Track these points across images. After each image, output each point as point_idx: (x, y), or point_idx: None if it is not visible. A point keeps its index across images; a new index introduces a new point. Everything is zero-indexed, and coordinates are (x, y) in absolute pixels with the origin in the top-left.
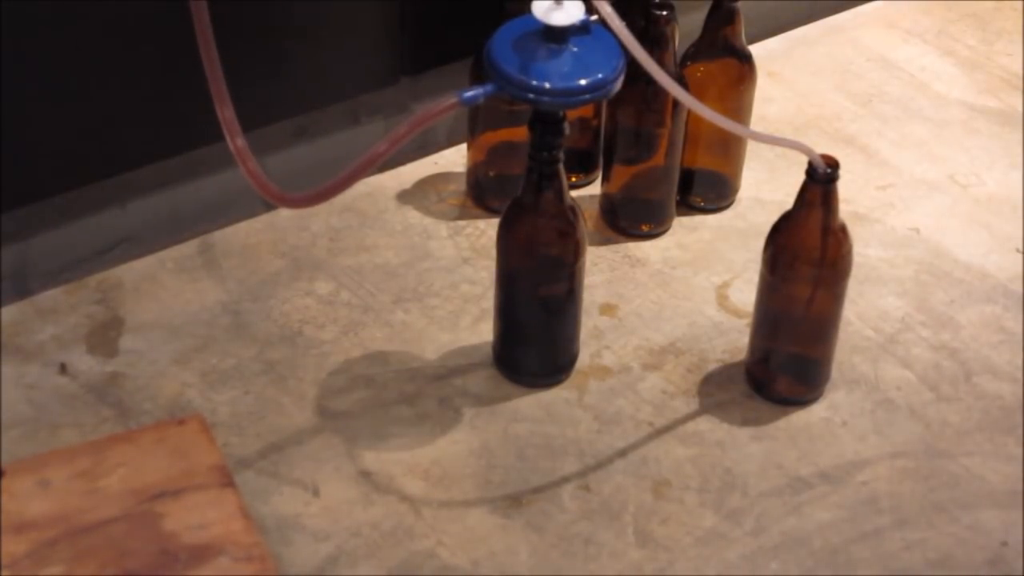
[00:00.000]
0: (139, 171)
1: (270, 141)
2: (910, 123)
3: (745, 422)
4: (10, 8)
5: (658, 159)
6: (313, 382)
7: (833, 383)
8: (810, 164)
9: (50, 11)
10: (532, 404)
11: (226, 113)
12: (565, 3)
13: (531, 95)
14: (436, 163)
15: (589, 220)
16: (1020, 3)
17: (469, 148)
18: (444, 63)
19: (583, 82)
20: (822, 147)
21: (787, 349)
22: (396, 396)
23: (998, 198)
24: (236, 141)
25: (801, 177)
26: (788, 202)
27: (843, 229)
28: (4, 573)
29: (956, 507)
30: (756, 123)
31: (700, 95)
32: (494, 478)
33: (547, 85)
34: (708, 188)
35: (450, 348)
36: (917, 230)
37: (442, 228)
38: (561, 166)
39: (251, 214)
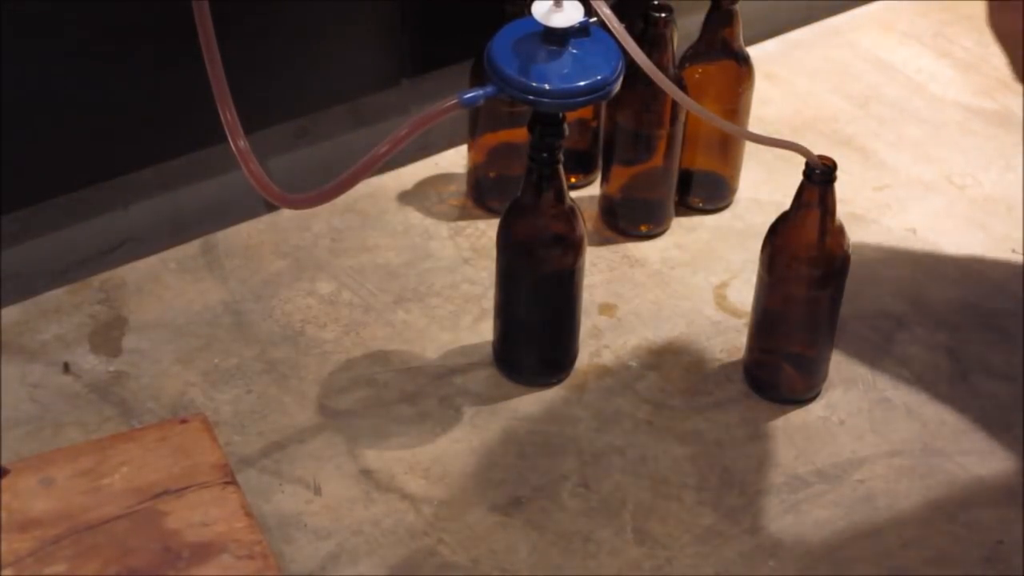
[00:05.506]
0: (142, 172)
1: (272, 142)
2: (907, 124)
3: (743, 421)
4: (10, 8)
5: (657, 160)
6: (315, 381)
7: (830, 382)
8: (807, 165)
9: (51, 11)
10: (532, 403)
11: (228, 114)
12: (565, 5)
13: (531, 96)
14: (437, 164)
15: (589, 220)
16: None
17: (469, 149)
18: (445, 65)
19: (582, 84)
20: (819, 148)
21: (785, 348)
22: (397, 395)
23: (994, 199)
24: (238, 142)
25: (799, 178)
26: (786, 203)
27: (840, 230)
28: (7, 572)
29: (953, 505)
30: (754, 124)
31: (698, 97)
32: (494, 476)
33: (547, 87)
34: (706, 189)
35: (450, 347)
36: (914, 230)
37: (443, 228)
38: (561, 167)
39: (253, 215)
